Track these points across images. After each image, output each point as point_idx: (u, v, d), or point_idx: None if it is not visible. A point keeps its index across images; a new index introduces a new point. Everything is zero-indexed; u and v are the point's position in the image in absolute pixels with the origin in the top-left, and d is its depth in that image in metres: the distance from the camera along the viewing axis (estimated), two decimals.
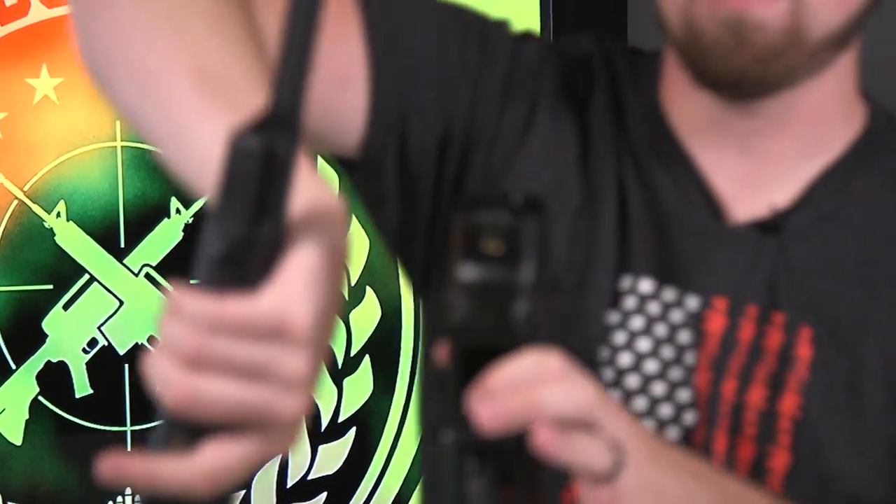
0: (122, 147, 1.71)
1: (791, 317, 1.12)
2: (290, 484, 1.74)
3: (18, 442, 1.70)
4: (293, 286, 0.75)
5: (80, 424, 1.72)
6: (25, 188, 1.69)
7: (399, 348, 1.77)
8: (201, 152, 0.83)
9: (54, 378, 1.71)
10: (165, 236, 1.72)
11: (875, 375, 1.11)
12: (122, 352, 1.72)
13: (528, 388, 0.78)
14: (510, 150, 1.14)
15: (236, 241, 0.73)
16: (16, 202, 1.69)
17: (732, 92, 1.10)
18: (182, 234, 1.72)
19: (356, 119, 1.10)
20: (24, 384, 1.70)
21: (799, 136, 1.14)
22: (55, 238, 1.70)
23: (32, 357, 1.71)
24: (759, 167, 1.14)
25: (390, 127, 1.10)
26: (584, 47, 1.20)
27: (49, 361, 1.72)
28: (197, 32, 0.87)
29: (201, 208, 1.69)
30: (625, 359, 1.04)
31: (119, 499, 1.74)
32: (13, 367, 1.70)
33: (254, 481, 1.74)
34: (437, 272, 1.17)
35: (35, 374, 1.71)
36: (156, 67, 0.88)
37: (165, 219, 1.72)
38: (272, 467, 1.73)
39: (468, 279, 0.76)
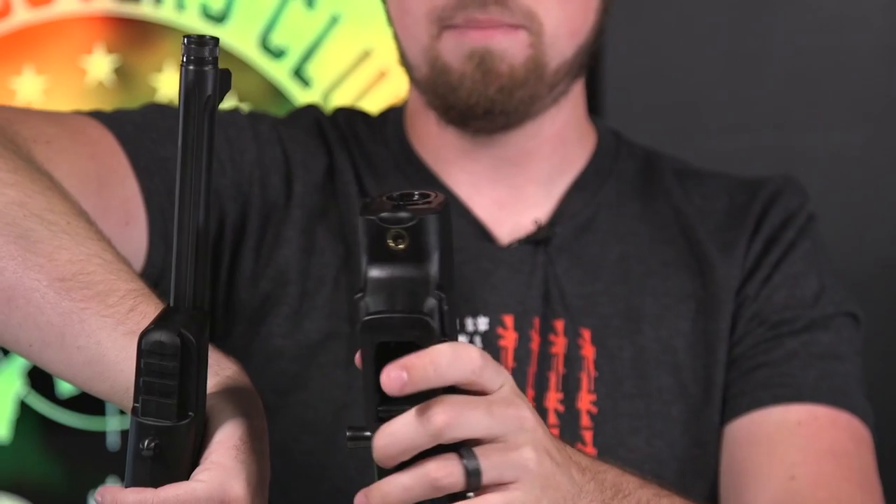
0: None
1: (569, 322, 1.20)
2: None
3: (6, 438, 1.73)
4: (224, 464, 0.81)
5: (65, 422, 1.73)
6: None
7: None
8: (86, 353, 0.87)
9: (41, 378, 1.72)
10: None
11: (657, 359, 1.20)
12: None
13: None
14: (278, 224, 1.20)
15: (165, 438, 0.78)
16: None
17: (481, 124, 1.18)
18: None
19: (140, 251, 1.13)
20: (11, 384, 1.73)
21: (545, 161, 1.23)
22: None
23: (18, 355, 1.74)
24: (512, 192, 1.22)
25: (168, 240, 1.14)
26: (311, 115, 1.27)
27: None
28: (41, 237, 0.90)
29: None
30: None
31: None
32: (0, 365, 1.73)
33: None
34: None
35: (22, 373, 1.73)
36: (13, 283, 0.89)
37: None
38: None
39: (375, 277, 0.77)
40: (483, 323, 1.14)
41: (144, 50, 1.72)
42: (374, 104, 1.58)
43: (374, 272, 0.77)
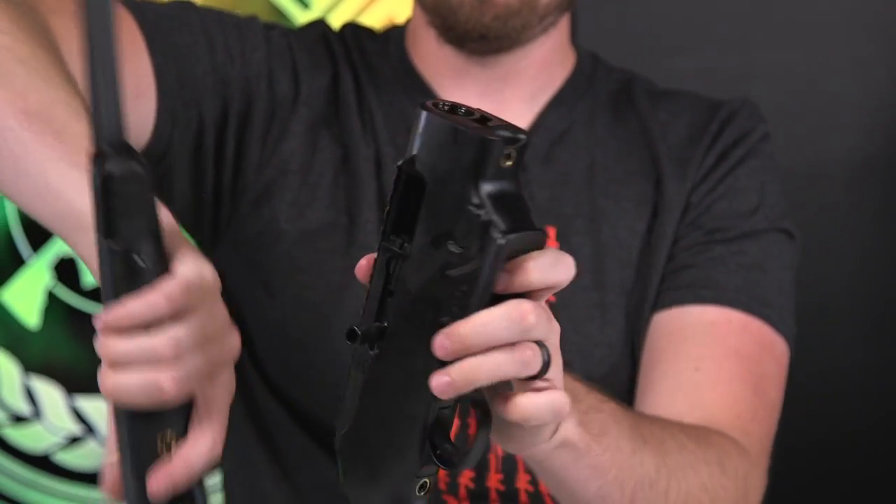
0: None
1: (537, 220, 1.18)
2: None
3: (37, 325, 1.77)
4: (191, 257, 0.79)
5: (89, 310, 1.77)
6: None
7: None
8: (34, 180, 0.87)
9: (67, 271, 1.76)
10: None
11: (613, 256, 1.25)
12: None
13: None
14: (285, 119, 1.25)
15: (136, 255, 0.76)
16: None
17: (475, 46, 1.23)
18: None
19: (147, 123, 1.17)
20: (40, 276, 1.77)
21: (529, 82, 1.29)
22: None
23: (46, 251, 1.76)
24: (498, 107, 1.27)
25: (175, 116, 1.18)
26: (318, 29, 1.32)
27: (61, 255, 1.76)
28: (18, 78, 0.91)
29: None
30: None
31: None
32: (30, 260, 1.77)
33: None
34: (225, 231, 1.26)
35: (50, 267, 1.77)
36: None
37: None
38: None
39: (493, 193, 0.76)
40: None
41: None
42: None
43: (490, 189, 0.75)
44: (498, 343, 0.77)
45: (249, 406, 1.30)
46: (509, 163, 0.75)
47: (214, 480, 1.75)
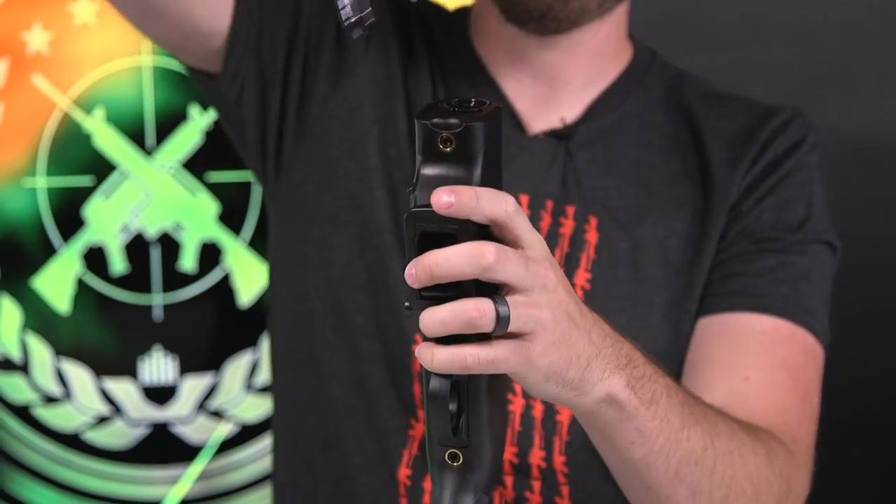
0: (151, 64, 1.76)
1: (580, 208, 1.26)
2: None
3: (67, 311, 1.80)
4: None
5: (117, 297, 1.80)
6: (69, 96, 1.75)
7: None
8: None
9: (96, 259, 1.79)
10: (187, 137, 1.77)
11: (650, 253, 1.26)
12: (150, 235, 1.79)
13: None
14: (356, 58, 1.28)
15: None
16: (60, 109, 1.75)
17: (535, 26, 1.24)
18: (201, 135, 1.77)
19: (226, 11, 1.23)
20: (71, 265, 1.79)
21: (583, 67, 1.29)
22: (94, 139, 1.75)
23: (76, 241, 1.79)
24: (551, 91, 1.29)
25: (251, 11, 1.23)
26: (400, 2, 1.36)
27: (91, 244, 1.78)
28: None
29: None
30: None
31: (148, 356, 1.80)
32: (61, 249, 1.79)
33: None
34: (274, 161, 1.30)
35: (79, 255, 1.79)
36: None
37: (186, 123, 1.77)
38: None
39: (425, 174, 0.80)
40: None
41: None
42: None
43: (425, 170, 0.79)
44: (459, 276, 0.79)
45: (308, 347, 1.31)
46: (449, 148, 0.79)
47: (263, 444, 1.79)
